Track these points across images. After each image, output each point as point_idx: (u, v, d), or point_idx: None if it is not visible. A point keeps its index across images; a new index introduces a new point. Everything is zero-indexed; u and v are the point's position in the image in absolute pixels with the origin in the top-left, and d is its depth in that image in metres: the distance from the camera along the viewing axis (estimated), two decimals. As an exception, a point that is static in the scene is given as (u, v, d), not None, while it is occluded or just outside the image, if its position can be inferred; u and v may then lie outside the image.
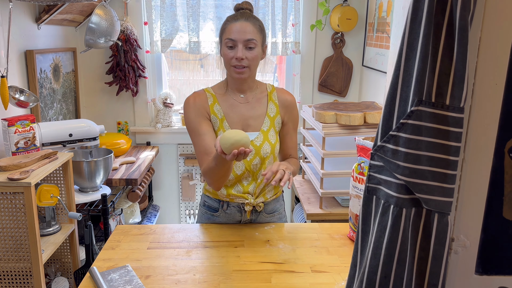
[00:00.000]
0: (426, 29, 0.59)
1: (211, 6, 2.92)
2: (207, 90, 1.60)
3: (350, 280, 0.75)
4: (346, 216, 2.07)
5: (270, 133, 1.57)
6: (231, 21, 1.49)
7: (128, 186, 2.73)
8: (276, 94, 1.63)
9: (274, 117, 1.60)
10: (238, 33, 1.46)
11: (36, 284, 1.76)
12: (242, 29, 1.46)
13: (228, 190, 1.58)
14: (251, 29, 1.47)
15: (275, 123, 1.60)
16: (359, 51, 3.08)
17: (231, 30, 1.47)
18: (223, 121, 1.55)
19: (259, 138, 1.55)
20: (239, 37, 1.46)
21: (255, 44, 1.48)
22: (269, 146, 1.56)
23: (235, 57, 1.47)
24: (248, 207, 1.58)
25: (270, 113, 1.59)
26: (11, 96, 1.95)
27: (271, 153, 1.56)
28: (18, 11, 2.20)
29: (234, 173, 1.55)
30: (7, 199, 1.73)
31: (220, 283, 1.26)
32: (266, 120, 1.58)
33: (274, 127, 1.59)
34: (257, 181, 1.58)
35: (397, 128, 0.63)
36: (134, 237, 1.53)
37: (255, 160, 1.55)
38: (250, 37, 1.46)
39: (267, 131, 1.57)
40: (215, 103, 1.57)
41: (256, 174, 1.57)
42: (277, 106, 1.61)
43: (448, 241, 0.64)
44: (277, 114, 1.60)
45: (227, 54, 1.49)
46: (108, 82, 2.96)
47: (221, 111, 1.56)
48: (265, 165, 1.57)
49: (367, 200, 0.70)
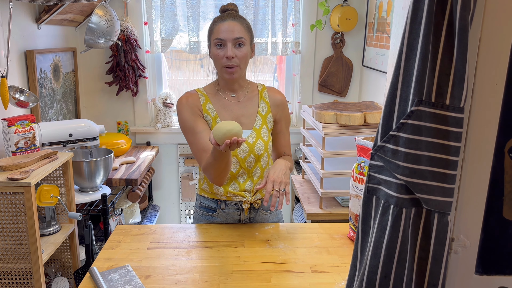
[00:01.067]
0: (426, 29, 0.59)
1: (211, 6, 2.92)
2: (198, 90, 1.62)
3: (350, 280, 0.75)
4: (346, 216, 2.07)
5: (262, 131, 1.59)
6: (218, 21, 1.52)
7: (128, 186, 2.73)
8: (267, 92, 1.65)
9: (265, 115, 1.62)
10: (227, 32, 1.48)
11: (36, 284, 1.76)
12: (230, 28, 1.49)
13: (225, 188, 1.58)
14: (239, 28, 1.50)
15: (267, 121, 1.61)
16: (359, 51, 3.08)
17: (219, 30, 1.50)
18: (216, 119, 1.57)
19: (252, 136, 1.57)
20: (228, 36, 1.48)
21: (244, 42, 1.51)
22: (262, 143, 1.57)
23: (226, 56, 1.49)
24: (246, 205, 1.59)
25: (261, 111, 1.61)
26: (11, 96, 1.95)
27: (265, 150, 1.58)
28: (18, 11, 2.20)
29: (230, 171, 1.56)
30: (7, 199, 1.73)
31: (220, 283, 1.26)
32: (258, 118, 1.60)
33: (266, 125, 1.61)
34: (253, 179, 1.59)
35: (397, 128, 0.63)
36: (134, 237, 1.53)
37: (249, 157, 1.56)
38: (238, 36, 1.49)
39: (259, 128, 1.59)
40: (207, 102, 1.58)
41: (252, 171, 1.59)
42: (268, 104, 1.63)
43: (448, 241, 0.64)
44: (269, 112, 1.62)
45: (217, 53, 1.51)
46: (108, 82, 2.96)
47: (213, 110, 1.58)
48: (260, 163, 1.58)
49: (367, 200, 0.70)
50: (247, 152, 1.55)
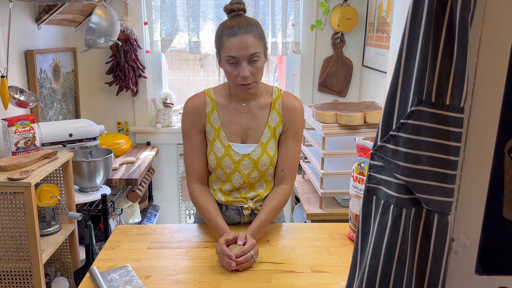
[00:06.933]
0: (426, 29, 0.59)
1: (211, 6, 2.92)
2: (208, 93, 1.53)
3: (350, 280, 0.75)
4: (346, 216, 2.07)
5: (269, 145, 1.51)
6: (229, 36, 1.36)
7: (128, 186, 2.73)
8: (281, 101, 1.52)
9: (275, 127, 1.51)
10: (241, 50, 1.35)
11: (36, 284, 1.76)
12: (244, 45, 1.34)
13: (226, 197, 1.55)
14: (253, 42, 1.36)
15: (275, 133, 1.52)
16: (359, 51, 3.08)
17: (230, 46, 1.36)
18: (219, 131, 1.50)
19: (256, 151, 1.50)
20: (242, 54, 1.35)
21: (259, 57, 1.38)
22: (268, 158, 1.50)
23: (241, 76, 1.38)
24: (247, 211, 1.56)
25: (271, 123, 1.51)
26: (11, 96, 1.95)
27: (270, 164, 1.51)
28: (18, 11, 2.20)
29: (232, 184, 1.53)
30: (7, 199, 1.73)
31: (220, 283, 1.26)
32: (266, 131, 1.51)
33: (274, 138, 1.52)
34: (255, 191, 1.55)
35: (397, 128, 0.63)
36: (134, 237, 1.53)
37: (253, 173, 1.51)
38: (253, 52, 1.36)
39: (266, 143, 1.51)
40: (213, 111, 1.50)
41: (255, 184, 1.54)
42: (280, 115, 1.51)
43: (448, 241, 0.64)
44: (280, 125, 1.51)
45: (231, 72, 1.39)
46: (108, 82, 2.96)
47: (218, 121, 1.50)
48: (264, 177, 1.53)
49: (367, 200, 0.70)
50: (251, 168, 1.50)
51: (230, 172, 1.51)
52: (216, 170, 1.52)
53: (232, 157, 1.50)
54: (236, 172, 1.51)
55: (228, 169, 1.50)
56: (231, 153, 1.50)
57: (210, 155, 1.52)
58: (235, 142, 1.51)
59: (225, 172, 1.51)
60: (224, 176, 1.52)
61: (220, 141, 1.50)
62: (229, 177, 1.52)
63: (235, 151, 1.50)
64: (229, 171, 1.51)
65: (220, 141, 1.50)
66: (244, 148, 1.51)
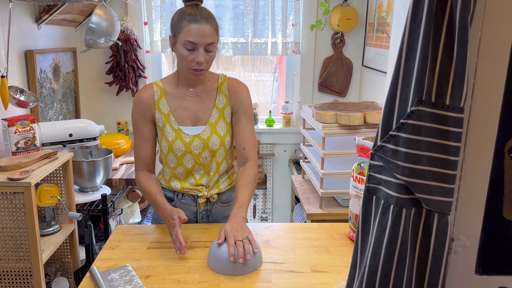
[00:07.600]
0: (426, 29, 0.59)
1: (211, 6, 2.92)
2: (155, 83, 1.59)
3: (350, 280, 0.75)
4: (346, 216, 2.07)
5: (218, 125, 1.56)
6: (190, 22, 1.43)
7: (128, 186, 2.73)
8: (226, 84, 1.60)
9: (223, 108, 1.58)
10: (200, 37, 1.42)
11: (36, 284, 1.76)
12: (203, 33, 1.42)
13: (182, 183, 1.59)
14: (211, 32, 1.44)
15: (224, 114, 1.58)
16: (359, 51, 3.08)
17: (190, 31, 1.42)
18: (169, 116, 1.55)
19: (206, 131, 1.55)
20: (201, 41, 1.42)
21: (214, 47, 1.48)
22: (218, 138, 1.55)
23: (196, 61, 1.45)
24: (202, 199, 1.60)
25: (218, 105, 1.58)
26: (11, 96, 1.96)
27: (221, 145, 1.56)
28: (18, 11, 2.20)
29: (185, 167, 1.57)
30: (7, 199, 1.73)
31: (220, 283, 1.26)
32: (214, 112, 1.57)
33: (224, 119, 1.58)
34: (209, 174, 1.59)
35: (397, 128, 0.63)
36: (134, 237, 1.53)
37: (204, 153, 1.55)
38: (211, 41, 1.44)
39: (215, 123, 1.56)
40: (162, 98, 1.56)
41: (207, 166, 1.58)
42: (227, 97, 1.58)
43: (448, 241, 0.64)
44: (227, 105, 1.58)
45: (186, 56, 1.45)
46: (108, 82, 2.96)
47: (167, 107, 1.55)
48: (215, 158, 1.57)
49: (367, 200, 0.70)
50: (201, 148, 1.54)
51: (181, 155, 1.55)
52: (168, 155, 1.57)
53: (183, 139, 1.54)
54: (187, 153, 1.55)
55: (179, 151, 1.55)
56: (182, 135, 1.55)
57: (162, 141, 1.57)
58: (185, 126, 1.57)
59: (176, 155, 1.56)
60: (175, 160, 1.57)
61: (170, 125, 1.55)
62: (180, 160, 1.56)
63: (186, 133, 1.55)
64: (180, 153, 1.55)
65: (170, 126, 1.55)
66: (194, 130, 1.56)
